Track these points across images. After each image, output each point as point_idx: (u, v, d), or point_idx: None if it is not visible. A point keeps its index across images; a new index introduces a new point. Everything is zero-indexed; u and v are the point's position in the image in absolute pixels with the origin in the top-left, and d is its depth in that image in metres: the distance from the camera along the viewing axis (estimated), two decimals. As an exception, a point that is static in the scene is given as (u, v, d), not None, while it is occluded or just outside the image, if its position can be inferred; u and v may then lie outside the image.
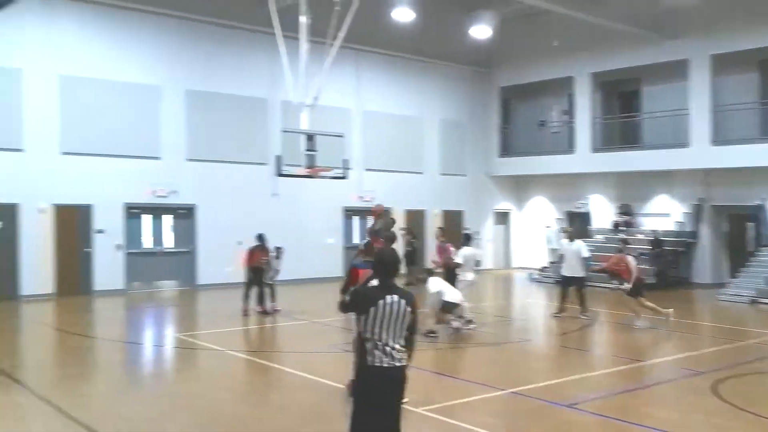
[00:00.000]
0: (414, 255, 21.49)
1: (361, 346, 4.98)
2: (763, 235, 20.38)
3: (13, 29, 16.52)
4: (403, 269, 21.93)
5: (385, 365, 4.91)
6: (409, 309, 5.01)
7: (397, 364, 4.96)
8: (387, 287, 5.02)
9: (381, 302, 4.91)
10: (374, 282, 5.32)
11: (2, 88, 16.60)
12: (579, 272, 15.16)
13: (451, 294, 12.34)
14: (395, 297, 4.96)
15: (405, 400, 5.20)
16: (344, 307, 5.33)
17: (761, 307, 16.76)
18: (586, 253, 15.49)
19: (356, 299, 5.09)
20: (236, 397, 8.82)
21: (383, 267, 5.11)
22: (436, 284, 12.28)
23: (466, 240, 14.84)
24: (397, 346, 4.98)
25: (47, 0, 17.05)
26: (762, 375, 10.37)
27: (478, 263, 14.82)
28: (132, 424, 7.45)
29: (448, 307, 12.32)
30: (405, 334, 5.05)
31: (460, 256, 13.89)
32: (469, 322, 13.01)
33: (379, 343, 4.92)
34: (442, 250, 15.61)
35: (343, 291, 7.71)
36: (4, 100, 16.60)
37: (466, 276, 13.80)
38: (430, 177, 24.66)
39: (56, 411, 7.78)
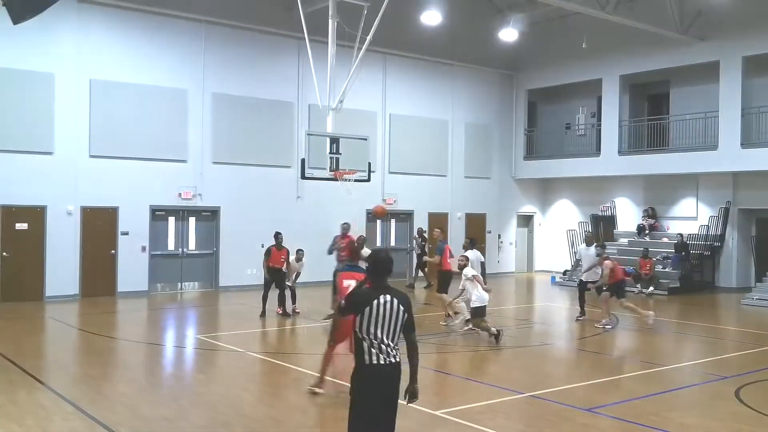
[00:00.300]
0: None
1: (357, 347, 5.08)
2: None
3: (46, 35, 16.81)
4: (418, 273, 21.93)
5: (382, 362, 5.02)
6: (402, 309, 5.13)
7: (393, 360, 5.08)
8: (381, 288, 5.15)
9: (375, 302, 5.04)
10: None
11: (35, 92, 16.89)
12: (594, 277, 15.01)
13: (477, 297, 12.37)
14: (389, 297, 5.09)
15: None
16: (342, 310, 5.40)
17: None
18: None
19: (352, 300, 5.20)
20: (255, 398, 8.87)
21: (377, 268, 5.23)
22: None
23: (471, 244, 14.64)
24: (392, 344, 5.09)
25: (80, 6, 17.34)
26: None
27: (482, 267, 14.53)
28: (150, 424, 7.52)
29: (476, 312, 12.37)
30: (403, 334, 5.18)
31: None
32: (468, 321, 13.01)
33: (374, 341, 5.02)
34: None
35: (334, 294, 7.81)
36: (37, 104, 16.89)
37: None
38: (454, 180, 24.60)
39: (77, 411, 7.87)
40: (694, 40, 20.93)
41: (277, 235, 15.07)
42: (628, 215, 24.50)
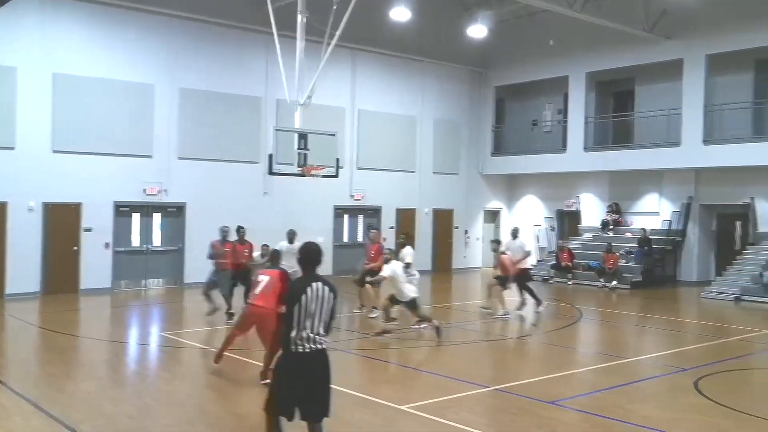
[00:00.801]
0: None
1: (286, 337, 5.49)
2: (750, 234, 20.48)
3: (8, 28, 16.45)
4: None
5: (308, 350, 5.48)
6: (332, 295, 5.61)
7: (320, 347, 5.54)
8: (312, 277, 5.62)
9: (309, 289, 5.51)
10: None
11: (-3, 86, 16.54)
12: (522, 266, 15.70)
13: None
14: (320, 284, 5.57)
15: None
16: (286, 303, 5.63)
17: (745, 304, 16.82)
18: (527, 248, 16.27)
19: (291, 293, 5.60)
20: (220, 395, 8.81)
21: (308, 259, 5.71)
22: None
23: (403, 243, 14.50)
24: (321, 331, 5.55)
25: (41, -2, 17.05)
26: (743, 372, 10.42)
27: (408, 266, 14.32)
28: (114, 422, 7.43)
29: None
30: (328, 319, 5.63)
31: (406, 255, 13.63)
32: (393, 320, 12.76)
33: (303, 332, 5.46)
34: (380, 251, 14.83)
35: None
36: (-1, 98, 16.54)
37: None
38: (422, 175, 24.68)
39: (37, 410, 7.75)
40: (659, 39, 21.25)
41: (240, 229, 14.77)
42: (592, 210, 24.82)
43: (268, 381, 8.52)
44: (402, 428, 7.35)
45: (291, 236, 15.12)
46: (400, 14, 20.92)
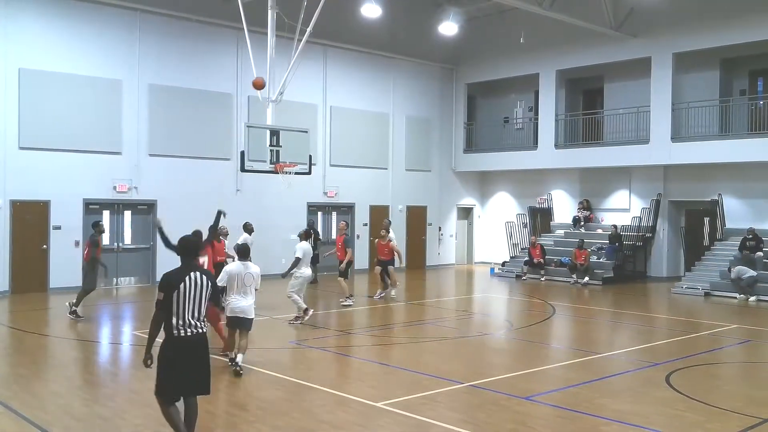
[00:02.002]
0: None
1: (168, 322, 6.00)
2: (718, 230, 20.83)
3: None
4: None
5: (189, 334, 6.06)
6: (210, 282, 6.22)
7: (200, 331, 6.17)
8: (190, 267, 6.17)
9: (187, 278, 6.06)
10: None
11: (-42, 81, 16.21)
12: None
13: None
14: (198, 273, 6.14)
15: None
16: (162, 292, 6.06)
17: (714, 299, 17.12)
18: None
19: (168, 282, 6.06)
20: (194, 393, 8.72)
21: (186, 249, 6.25)
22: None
23: (306, 235, 14.59)
24: (199, 316, 6.14)
25: (3, -9, 16.70)
26: (713, 366, 10.60)
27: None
28: (85, 423, 7.33)
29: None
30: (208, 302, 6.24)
31: (299, 250, 13.44)
32: (306, 311, 13.27)
33: (184, 318, 6.02)
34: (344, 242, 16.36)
35: None
36: (-40, 93, 16.21)
37: (304, 272, 13.39)
38: (395, 172, 24.71)
39: (7, 411, 7.62)
40: (626, 37, 21.52)
41: (216, 228, 14.49)
42: (564, 207, 25.07)
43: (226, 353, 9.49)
44: (378, 425, 7.36)
45: (248, 229, 15.74)
46: (371, 11, 20.88)
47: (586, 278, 20.97)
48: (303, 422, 7.39)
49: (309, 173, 17.00)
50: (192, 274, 6.10)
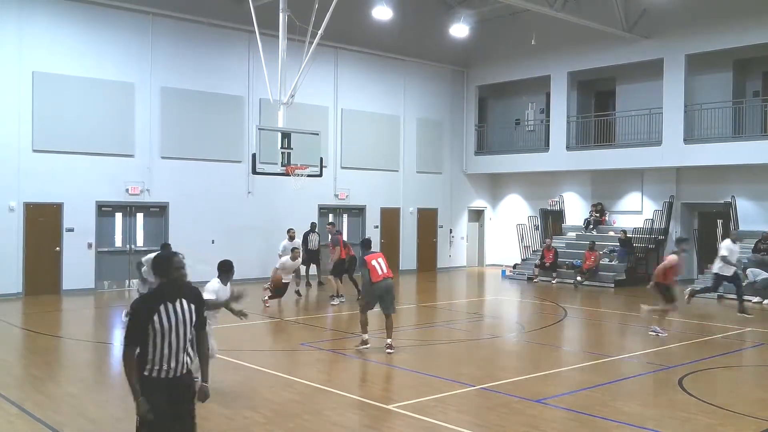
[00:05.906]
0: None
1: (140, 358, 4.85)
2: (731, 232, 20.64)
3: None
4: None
5: (165, 376, 4.85)
6: (194, 306, 5.00)
7: (180, 371, 4.94)
8: (165, 291, 4.95)
9: (162, 307, 4.83)
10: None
11: (-26, 85, 16.33)
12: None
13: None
14: (177, 302, 4.92)
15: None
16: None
17: (728, 302, 16.99)
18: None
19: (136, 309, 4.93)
20: (206, 395, 8.74)
21: (159, 268, 5.04)
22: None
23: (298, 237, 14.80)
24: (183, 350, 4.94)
25: (19, -4, 16.84)
26: (727, 369, 10.53)
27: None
28: (98, 424, 7.37)
29: None
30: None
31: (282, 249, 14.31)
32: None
33: (162, 352, 4.84)
34: (336, 243, 16.62)
35: None
36: (-24, 97, 16.33)
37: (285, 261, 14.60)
38: (406, 175, 24.70)
39: (21, 412, 7.67)
40: (638, 39, 21.43)
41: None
42: (575, 209, 24.98)
43: None
44: (389, 428, 7.35)
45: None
46: (383, 13, 20.94)
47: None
48: (314, 425, 7.40)
49: (320, 175, 17.09)
50: (168, 302, 4.87)
